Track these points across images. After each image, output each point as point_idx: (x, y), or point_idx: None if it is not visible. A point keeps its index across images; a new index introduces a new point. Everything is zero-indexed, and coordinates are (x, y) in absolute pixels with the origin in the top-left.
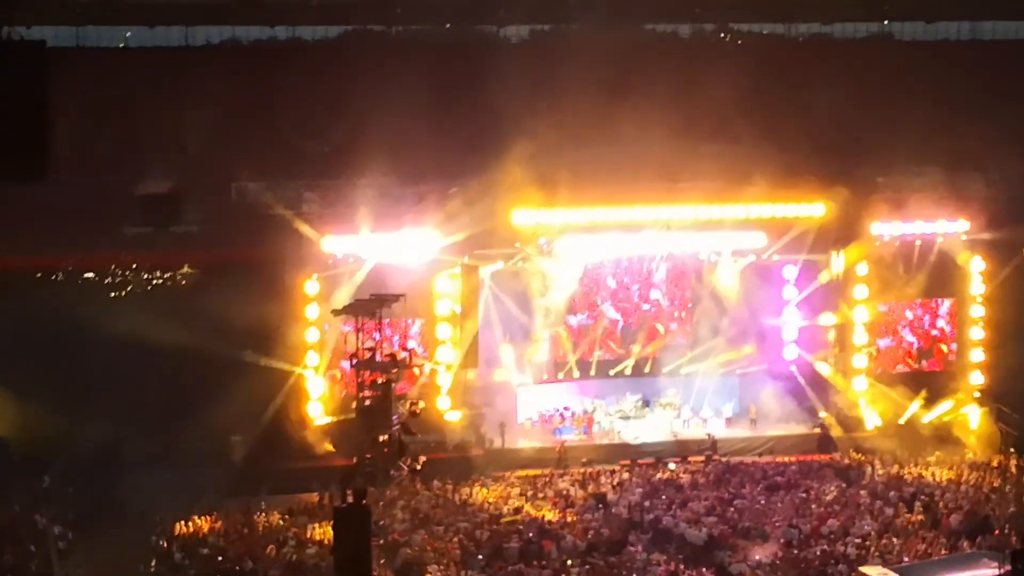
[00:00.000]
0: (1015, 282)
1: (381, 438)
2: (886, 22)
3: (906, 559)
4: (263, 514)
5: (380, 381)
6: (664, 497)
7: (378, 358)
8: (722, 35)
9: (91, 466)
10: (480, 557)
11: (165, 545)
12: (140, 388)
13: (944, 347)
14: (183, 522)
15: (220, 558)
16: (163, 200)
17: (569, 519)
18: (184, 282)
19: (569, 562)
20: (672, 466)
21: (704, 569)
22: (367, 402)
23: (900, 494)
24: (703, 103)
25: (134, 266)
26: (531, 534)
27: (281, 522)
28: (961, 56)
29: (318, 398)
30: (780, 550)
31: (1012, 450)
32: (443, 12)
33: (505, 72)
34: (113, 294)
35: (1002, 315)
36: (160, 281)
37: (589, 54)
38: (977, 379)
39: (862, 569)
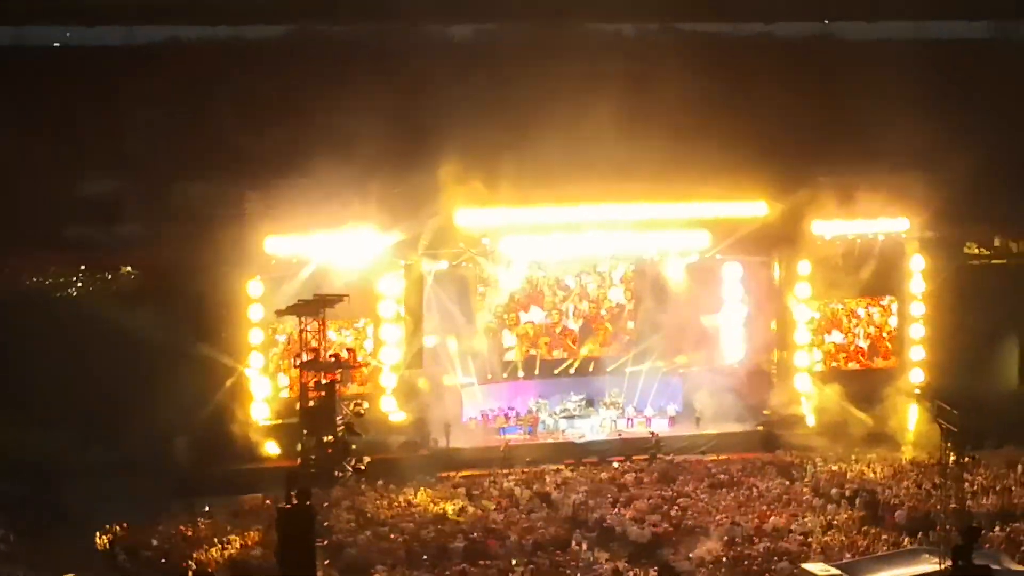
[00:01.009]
0: (955, 280)
1: (325, 439)
2: (826, 21)
3: (848, 556)
4: (207, 516)
5: (324, 382)
6: (608, 496)
7: (322, 359)
8: (666, 35)
9: (34, 470)
10: (425, 557)
11: (108, 548)
12: (82, 391)
13: (888, 345)
14: (126, 525)
15: (163, 560)
16: (104, 201)
17: (514, 518)
18: (126, 284)
19: (514, 561)
20: (616, 465)
21: (648, 567)
22: (311, 403)
23: (842, 491)
24: (647, 103)
25: (79, 268)
26: (476, 534)
27: (226, 524)
28: (902, 56)
29: (263, 399)
30: (723, 548)
31: (952, 447)
32: (387, 11)
33: (449, 72)
34: (56, 295)
35: (942, 313)
36: (102, 283)
37: (533, 53)
38: (917, 377)
39: (804, 566)
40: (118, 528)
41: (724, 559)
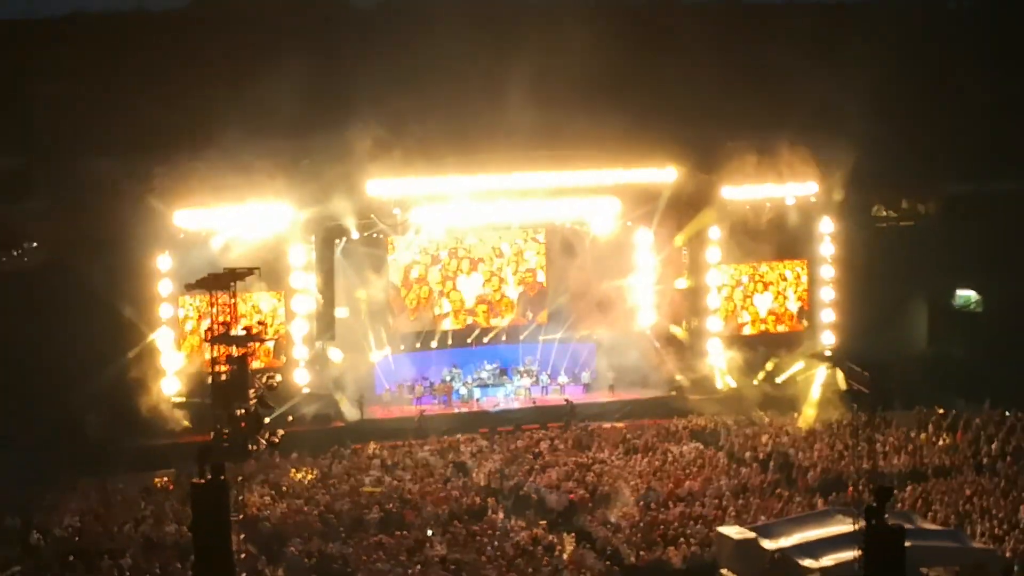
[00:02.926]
0: (864, 243)
1: (238, 412)
2: None
3: (763, 518)
4: (120, 492)
5: (235, 355)
6: (524, 464)
7: (233, 332)
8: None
9: None
10: (341, 529)
11: (20, 527)
12: None
13: (798, 308)
14: (39, 503)
15: (77, 538)
16: (9, 176)
17: (429, 488)
18: (33, 259)
19: (430, 531)
20: (531, 433)
21: (565, 533)
22: (223, 377)
23: (755, 454)
24: (557, 70)
25: None
26: (391, 504)
27: (139, 500)
28: (807, 20)
29: (174, 374)
30: (639, 512)
31: (863, 408)
32: None
33: (357, 41)
34: None
35: (852, 276)
36: (8, 259)
37: (442, 22)
38: (828, 339)
39: (719, 529)
40: (30, 507)
41: (639, 523)
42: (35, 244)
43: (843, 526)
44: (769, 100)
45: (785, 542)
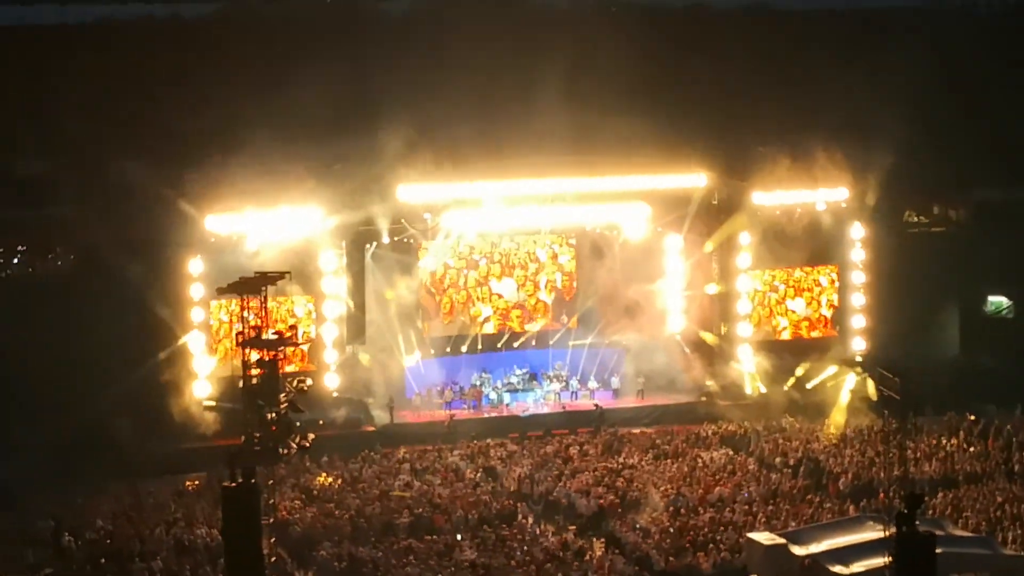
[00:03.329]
0: (895, 249)
1: (269, 416)
2: None
3: (793, 524)
4: (151, 495)
5: (266, 359)
6: (553, 469)
7: (264, 336)
8: (603, 6)
9: None
10: (371, 533)
11: (53, 529)
12: (22, 374)
13: (830, 314)
14: (71, 506)
15: (108, 541)
16: (39, 182)
17: (459, 493)
18: (64, 265)
19: (460, 536)
20: (560, 438)
21: (594, 539)
22: (254, 380)
23: (786, 460)
24: (587, 76)
25: (16, 250)
26: (421, 509)
27: (170, 503)
28: (839, 26)
29: (205, 378)
30: (668, 518)
31: (894, 414)
32: None
33: (388, 47)
34: None
35: (882, 281)
36: (39, 264)
37: (472, 29)
38: (859, 345)
39: (749, 535)
40: (63, 510)
41: (670, 529)
42: (65, 249)
43: (874, 532)
44: (800, 106)
45: (815, 548)
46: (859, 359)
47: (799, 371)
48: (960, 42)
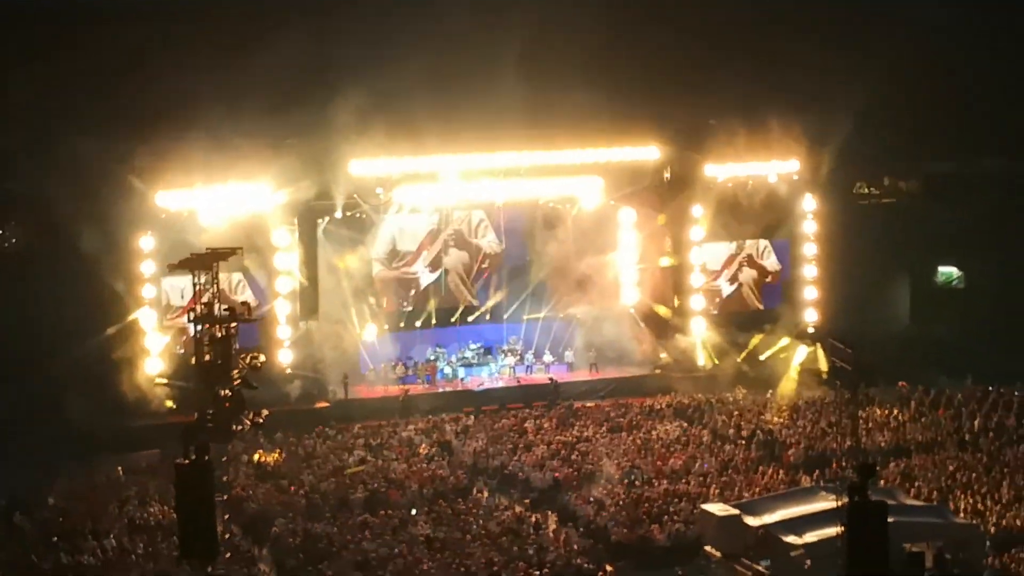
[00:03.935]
0: (846, 220)
1: (222, 393)
2: None
3: (746, 495)
4: (104, 473)
5: (219, 335)
6: (508, 442)
7: (216, 312)
8: None
9: None
10: (326, 509)
11: (4, 508)
12: None
13: (781, 285)
14: (22, 483)
15: (61, 519)
16: None
17: (414, 467)
18: (14, 241)
19: (415, 510)
20: (515, 412)
21: (549, 512)
22: (206, 357)
23: (739, 432)
24: (539, 50)
25: None
26: (376, 484)
27: (122, 481)
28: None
29: (157, 354)
30: (623, 490)
31: (846, 384)
32: None
33: (341, 22)
34: None
35: (834, 253)
36: None
37: (425, 3)
38: (810, 316)
39: (703, 506)
40: (13, 488)
41: (625, 501)
42: (16, 225)
43: (826, 503)
44: (753, 79)
45: (769, 519)
46: (811, 330)
47: (751, 343)
48: (912, 15)
